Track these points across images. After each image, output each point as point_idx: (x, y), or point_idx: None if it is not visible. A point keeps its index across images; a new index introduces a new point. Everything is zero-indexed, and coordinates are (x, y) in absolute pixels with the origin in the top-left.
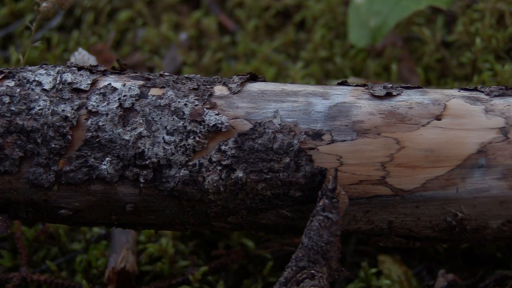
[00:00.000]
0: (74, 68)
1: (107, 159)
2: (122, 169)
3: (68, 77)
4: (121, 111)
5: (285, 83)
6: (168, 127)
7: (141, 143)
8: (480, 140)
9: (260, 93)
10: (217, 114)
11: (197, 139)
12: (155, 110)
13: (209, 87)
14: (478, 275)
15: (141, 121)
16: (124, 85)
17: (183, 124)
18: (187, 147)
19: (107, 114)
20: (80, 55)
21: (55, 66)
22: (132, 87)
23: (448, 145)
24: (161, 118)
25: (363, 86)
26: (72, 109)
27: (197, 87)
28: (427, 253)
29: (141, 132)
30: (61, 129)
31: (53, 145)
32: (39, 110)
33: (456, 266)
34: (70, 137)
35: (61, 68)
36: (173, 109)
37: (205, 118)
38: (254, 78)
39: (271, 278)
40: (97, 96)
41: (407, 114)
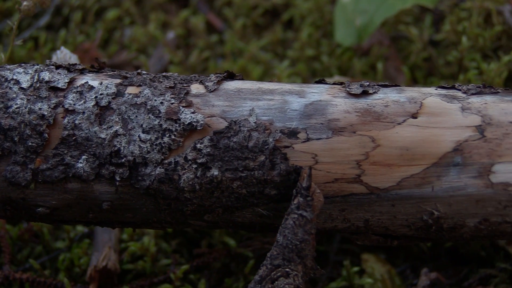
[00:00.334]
0: (52, 67)
1: (84, 157)
2: (98, 167)
3: (46, 75)
4: (97, 109)
5: (262, 82)
6: (144, 126)
7: (117, 141)
8: (456, 138)
9: (236, 91)
10: (192, 113)
11: (173, 137)
12: (131, 109)
13: (185, 85)
14: (462, 274)
15: (117, 119)
16: (101, 83)
17: (159, 122)
18: (163, 145)
19: (83, 113)
20: (62, 54)
21: (33, 64)
22: (109, 86)
23: (423, 143)
24: (137, 116)
25: (340, 84)
26: (49, 107)
27: (173, 85)
28: (411, 252)
29: (117, 130)
30: (38, 127)
31: (30, 144)
32: (17, 108)
33: (440, 264)
34: (47, 136)
35: (39, 66)
36: (149, 107)
37: (180, 117)
38: (231, 76)
39: (252, 276)
40: (74, 94)
41: (383, 112)
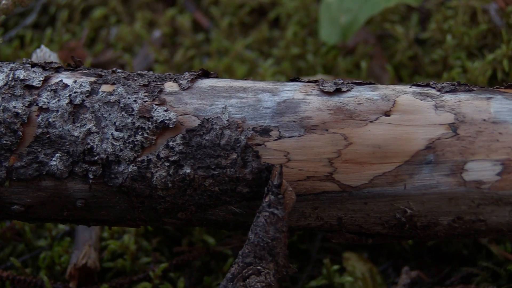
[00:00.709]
0: (28, 65)
1: (57, 155)
2: (71, 165)
3: (21, 74)
4: (71, 107)
5: (236, 79)
6: (117, 123)
7: (90, 139)
8: (428, 136)
9: (210, 89)
10: (165, 111)
11: (146, 135)
12: (104, 107)
13: (159, 83)
14: (444, 272)
15: (91, 117)
16: (76, 81)
17: (131, 120)
18: (136, 143)
19: (57, 111)
20: (41, 52)
21: (9, 63)
22: (83, 84)
23: (396, 141)
24: (110, 114)
25: (314, 82)
26: (23, 105)
27: (147, 83)
28: (394, 251)
29: (90, 128)
30: (12, 125)
31: (4, 141)
32: None
33: (422, 263)
34: (21, 133)
35: (14, 65)
36: (122, 105)
37: (153, 115)
38: (206, 74)
39: None
40: (49, 92)
41: (355, 110)
